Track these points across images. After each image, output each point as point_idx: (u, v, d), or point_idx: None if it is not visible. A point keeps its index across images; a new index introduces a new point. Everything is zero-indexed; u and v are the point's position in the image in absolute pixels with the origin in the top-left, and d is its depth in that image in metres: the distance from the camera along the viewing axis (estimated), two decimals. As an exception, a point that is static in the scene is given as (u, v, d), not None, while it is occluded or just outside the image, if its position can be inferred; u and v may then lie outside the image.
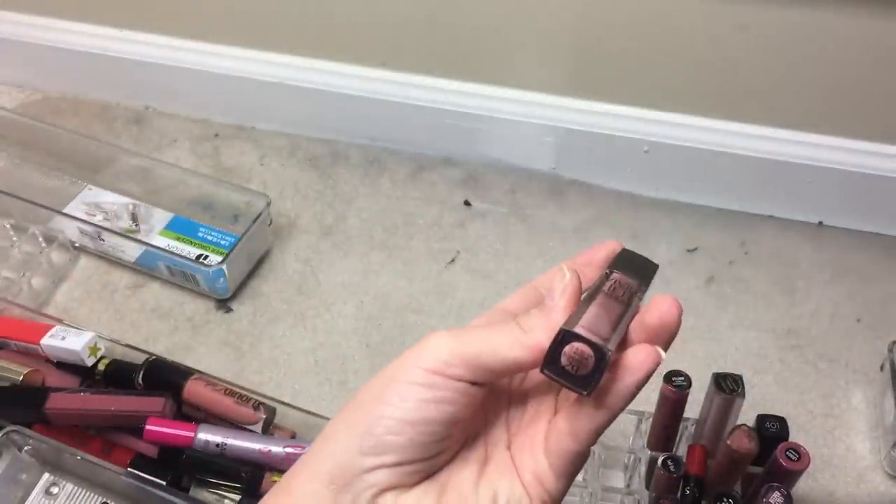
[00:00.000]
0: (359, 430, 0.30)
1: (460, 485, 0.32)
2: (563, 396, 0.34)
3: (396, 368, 0.31)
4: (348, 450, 0.30)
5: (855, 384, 0.72)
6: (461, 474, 0.32)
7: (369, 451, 0.30)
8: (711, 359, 0.74)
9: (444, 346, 0.31)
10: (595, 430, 0.31)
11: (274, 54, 0.89)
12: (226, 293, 0.77)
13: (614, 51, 0.78)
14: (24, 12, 0.94)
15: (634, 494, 0.60)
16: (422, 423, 0.30)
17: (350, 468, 0.30)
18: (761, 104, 0.79)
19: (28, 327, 0.67)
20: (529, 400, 0.35)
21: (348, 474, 0.30)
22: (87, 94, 0.98)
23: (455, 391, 0.30)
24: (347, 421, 0.31)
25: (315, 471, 0.31)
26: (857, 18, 0.70)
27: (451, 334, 0.31)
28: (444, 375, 0.30)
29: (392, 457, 0.30)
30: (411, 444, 0.30)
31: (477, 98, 0.85)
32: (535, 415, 0.34)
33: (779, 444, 0.53)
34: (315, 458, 0.31)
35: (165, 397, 0.62)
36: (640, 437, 0.62)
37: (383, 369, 0.32)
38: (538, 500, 0.32)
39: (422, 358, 0.30)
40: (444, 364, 0.30)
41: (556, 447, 0.32)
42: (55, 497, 0.62)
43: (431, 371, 0.30)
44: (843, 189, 0.81)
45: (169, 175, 0.85)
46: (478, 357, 0.31)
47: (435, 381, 0.30)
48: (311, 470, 0.31)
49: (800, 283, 0.80)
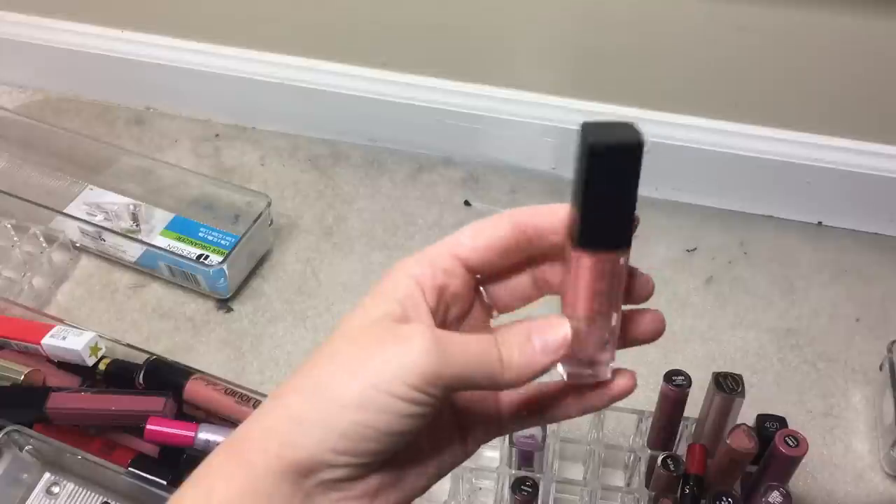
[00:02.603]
0: (336, 429, 0.30)
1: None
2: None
3: (376, 372, 0.30)
4: (321, 443, 0.30)
5: (854, 384, 0.72)
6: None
7: (344, 452, 0.30)
8: (711, 358, 0.74)
9: (428, 361, 0.30)
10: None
11: (274, 54, 0.89)
12: (226, 293, 0.77)
13: (614, 51, 0.78)
14: (25, 13, 0.94)
15: (634, 493, 0.60)
16: (399, 434, 0.30)
17: (319, 461, 0.30)
18: (761, 104, 0.79)
19: (29, 327, 0.67)
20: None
21: (315, 465, 0.30)
22: (88, 95, 0.98)
23: (434, 405, 0.31)
24: (320, 409, 0.30)
25: (279, 454, 0.30)
26: (857, 18, 0.70)
27: (435, 344, 0.31)
28: (427, 393, 0.30)
29: (363, 458, 0.31)
30: (385, 450, 0.31)
31: (477, 98, 0.85)
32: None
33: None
34: (279, 439, 0.30)
35: (166, 397, 0.62)
36: (640, 437, 0.62)
37: (355, 349, 0.31)
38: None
39: (405, 370, 0.30)
40: (428, 384, 0.30)
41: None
42: (56, 497, 0.62)
43: (414, 388, 0.30)
44: (842, 189, 0.81)
45: (170, 175, 0.85)
46: (459, 379, 0.31)
47: (417, 397, 0.30)
48: (273, 451, 0.30)
49: (799, 283, 0.80)
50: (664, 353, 0.73)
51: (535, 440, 0.58)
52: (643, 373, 0.71)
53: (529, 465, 0.59)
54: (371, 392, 0.30)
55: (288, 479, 0.30)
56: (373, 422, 0.30)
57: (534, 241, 0.34)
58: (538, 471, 0.59)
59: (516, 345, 0.32)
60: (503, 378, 0.32)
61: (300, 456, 0.30)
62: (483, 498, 0.64)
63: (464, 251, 0.33)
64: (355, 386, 0.30)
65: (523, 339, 0.32)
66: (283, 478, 0.30)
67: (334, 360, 0.31)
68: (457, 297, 0.34)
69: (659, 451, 0.59)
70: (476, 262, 0.34)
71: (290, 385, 0.31)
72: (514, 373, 0.32)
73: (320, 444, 0.30)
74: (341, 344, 0.32)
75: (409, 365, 0.30)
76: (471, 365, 0.31)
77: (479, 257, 0.34)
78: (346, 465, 0.30)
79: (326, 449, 0.30)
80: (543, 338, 0.32)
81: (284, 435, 0.30)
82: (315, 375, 0.31)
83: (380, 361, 0.30)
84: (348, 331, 0.32)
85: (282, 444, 0.30)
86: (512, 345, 0.32)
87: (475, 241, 0.33)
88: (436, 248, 0.34)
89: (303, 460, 0.30)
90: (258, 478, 0.30)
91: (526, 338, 0.32)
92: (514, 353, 0.32)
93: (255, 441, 0.31)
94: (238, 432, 0.32)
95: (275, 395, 0.32)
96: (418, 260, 0.33)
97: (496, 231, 0.33)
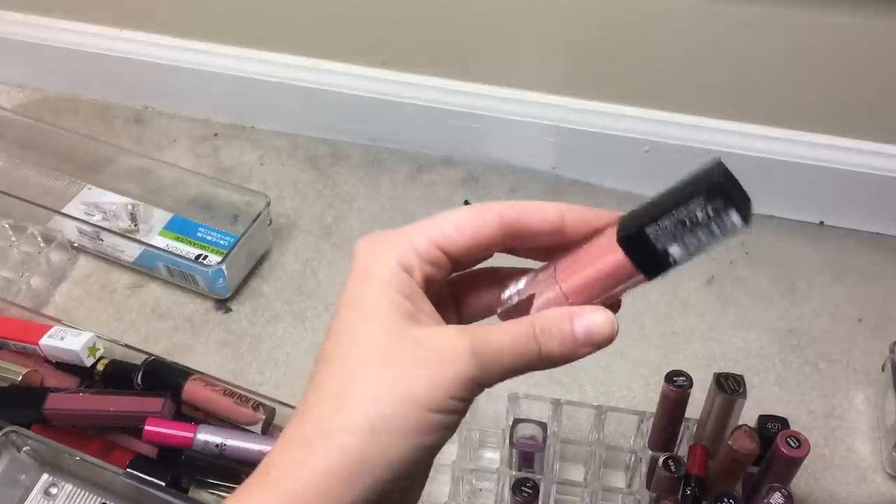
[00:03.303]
0: (358, 485, 0.29)
1: None
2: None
3: (428, 397, 0.29)
4: (385, 479, 0.29)
5: (856, 384, 0.72)
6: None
7: (400, 478, 0.30)
8: (712, 359, 0.73)
9: (470, 375, 0.30)
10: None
11: (274, 54, 0.89)
12: (225, 293, 0.77)
13: (614, 50, 0.78)
14: (23, 11, 0.94)
15: (635, 495, 0.60)
16: (413, 464, 0.30)
17: (381, 492, 0.30)
18: (761, 104, 0.79)
19: (27, 327, 0.67)
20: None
21: (377, 497, 0.30)
22: (86, 94, 0.97)
23: (470, 403, 0.31)
24: (378, 446, 0.29)
25: (346, 499, 0.29)
26: (857, 18, 0.70)
27: (475, 356, 0.30)
28: (465, 400, 0.30)
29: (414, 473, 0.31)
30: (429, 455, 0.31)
31: (477, 98, 0.85)
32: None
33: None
34: (344, 485, 0.29)
35: (165, 398, 0.62)
36: (641, 437, 0.62)
37: (395, 373, 0.30)
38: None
39: (450, 386, 0.29)
40: (467, 391, 0.30)
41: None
42: (54, 498, 0.62)
43: (456, 398, 0.30)
44: (844, 189, 0.81)
45: (168, 175, 0.85)
46: (497, 379, 0.31)
47: (456, 406, 0.30)
48: (339, 498, 0.29)
49: (800, 283, 0.80)
50: (665, 354, 0.73)
51: (535, 441, 0.57)
52: (644, 373, 0.72)
53: (530, 466, 0.58)
54: (423, 415, 0.29)
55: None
56: (428, 442, 0.30)
57: (520, 239, 0.33)
58: (538, 472, 0.58)
59: (557, 337, 0.31)
60: (539, 367, 0.31)
61: (362, 499, 0.29)
62: (483, 499, 0.63)
63: (448, 243, 0.32)
64: (411, 413, 0.29)
65: (564, 326, 0.32)
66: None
67: (379, 391, 0.30)
68: (438, 287, 0.34)
69: (660, 452, 0.59)
70: (458, 254, 0.33)
71: (333, 423, 0.30)
72: (551, 363, 0.32)
73: (378, 483, 0.29)
74: (376, 367, 0.30)
75: (453, 381, 0.30)
76: (512, 365, 0.31)
77: (464, 250, 0.33)
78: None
79: (387, 491, 0.30)
80: (588, 329, 0.32)
81: (346, 479, 0.29)
82: (361, 411, 0.29)
83: (426, 385, 0.30)
84: (375, 345, 0.31)
85: (346, 487, 0.29)
86: (552, 336, 0.31)
87: (462, 235, 0.32)
88: (418, 236, 0.32)
89: (359, 502, 0.29)
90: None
91: (566, 325, 0.32)
92: (554, 347, 0.31)
93: (311, 485, 0.29)
94: (280, 471, 0.30)
95: (321, 433, 0.30)
96: (400, 247, 0.32)
97: (483, 226, 0.33)
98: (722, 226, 0.29)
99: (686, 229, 0.29)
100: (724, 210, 0.29)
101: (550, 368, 0.32)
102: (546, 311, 0.32)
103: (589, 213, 0.33)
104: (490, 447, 0.66)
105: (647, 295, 0.77)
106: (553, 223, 0.32)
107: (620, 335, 0.33)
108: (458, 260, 0.33)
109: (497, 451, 0.65)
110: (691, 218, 0.29)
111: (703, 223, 0.29)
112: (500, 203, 0.33)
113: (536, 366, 0.31)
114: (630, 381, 0.71)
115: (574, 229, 0.33)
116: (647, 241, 0.30)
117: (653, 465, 0.59)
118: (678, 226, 0.29)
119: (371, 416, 0.29)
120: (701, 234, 0.29)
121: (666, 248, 0.30)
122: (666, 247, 0.30)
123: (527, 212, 0.33)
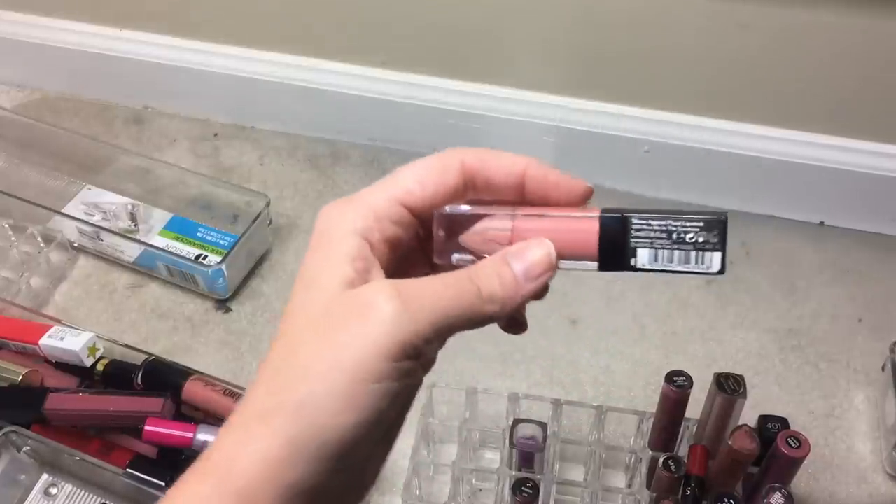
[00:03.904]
0: (331, 443, 0.27)
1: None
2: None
3: (354, 365, 0.27)
4: (320, 462, 0.27)
5: (856, 385, 0.72)
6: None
7: (345, 456, 0.28)
8: (712, 359, 0.73)
9: (400, 328, 0.27)
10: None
11: (274, 54, 0.89)
12: (225, 293, 0.77)
13: (614, 50, 0.78)
14: (23, 11, 0.93)
15: (635, 495, 0.60)
16: (353, 443, 0.28)
17: (318, 482, 0.28)
18: (762, 104, 0.79)
19: (27, 327, 0.67)
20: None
21: (316, 485, 0.28)
22: (86, 94, 0.97)
23: (419, 361, 0.28)
24: (311, 429, 0.27)
25: (277, 482, 0.27)
26: (857, 18, 0.70)
27: (403, 305, 0.27)
28: (409, 358, 0.28)
29: (368, 450, 0.29)
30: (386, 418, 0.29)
31: (477, 98, 0.85)
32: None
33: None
34: (277, 467, 0.28)
35: (164, 398, 0.62)
36: (641, 438, 0.62)
37: (324, 341, 0.28)
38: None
39: (380, 349, 0.27)
40: (407, 348, 0.27)
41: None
42: (54, 498, 0.62)
43: (394, 359, 0.27)
44: (844, 189, 0.81)
45: (168, 175, 0.85)
46: (438, 329, 0.28)
47: (401, 367, 0.28)
48: (272, 479, 0.27)
49: (801, 283, 0.80)
50: (665, 354, 0.73)
51: (535, 441, 0.57)
52: (644, 373, 0.72)
53: (530, 466, 0.58)
54: (356, 387, 0.27)
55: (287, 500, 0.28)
56: (365, 417, 0.28)
57: (481, 190, 0.32)
58: (539, 472, 0.58)
59: (495, 275, 0.30)
60: (486, 312, 0.29)
61: (302, 481, 0.28)
62: (483, 499, 0.63)
63: (411, 199, 0.31)
64: (341, 386, 0.27)
65: (501, 266, 0.30)
66: (282, 503, 0.28)
67: (309, 362, 0.28)
68: (406, 246, 0.32)
69: (660, 453, 0.59)
70: (423, 210, 0.31)
71: (269, 402, 0.28)
72: (497, 305, 0.29)
73: (319, 462, 0.28)
74: (309, 335, 0.29)
75: (381, 341, 0.27)
76: (448, 310, 0.29)
77: (428, 205, 0.31)
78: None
79: (326, 469, 0.28)
80: (524, 262, 0.30)
81: (282, 462, 0.28)
82: (292, 388, 0.28)
83: (353, 349, 0.27)
84: (310, 314, 0.29)
85: (283, 470, 0.28)
86: (490, 276, 0.30)
87: (424, 189, 0.31)
88: (377, 196, 0.31)
89: (305, 485, 0.28)
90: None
91: (503, 264, 0.30)
92: (494, 285, 0.30)
93: (248, 470, 0.28)
94: (220, 456, 0.28)
95: (257, 415, 0.28)
96: (358, 210, 0.30)
97: (446, 176, 0.31)
98: (701, 258, 0.29)
99: (668, 241, 0.29)
100: (714, 246, 0.29)
101: (502, 316, 0.30)
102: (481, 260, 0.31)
103: (552, 176, 0.32)
104: (490, 447, 0.66)
105: (647, 295, 0.77)
106: (514, 177, 0.31)
107: (620, 335, 0.32)
108: (423, 213, 0.32)
109: (497, 452, 0.65)
110: (680, 234, 0.29)
111: (687, 244, 0.29)
112: (463, 150, 0.32)
113: (481, 312, 0.29)
114: (630, 382, 0.71)
115: (533, 189, 0.32)
116: (626, 232, 0.30)
117: (653, 466, 0.59)
118: (662, 234, 0.29)
119: (301, 393, 0.27)
120: (678, 253, 0.29)
121: (637, 248, 0.30)
122: (637, 247, 0.30)
123: (489, 161, 0.31)
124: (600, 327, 0.74)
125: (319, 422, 0.27)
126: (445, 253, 0.32)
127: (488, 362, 0.72)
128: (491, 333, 0.34)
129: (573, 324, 0.75)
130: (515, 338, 0.34)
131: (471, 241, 0.32)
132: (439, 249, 0.32)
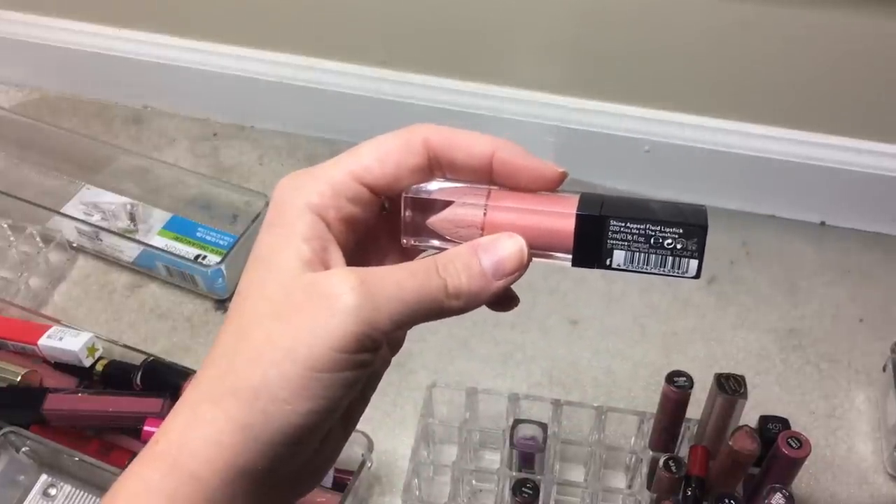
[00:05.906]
0: (285, 429, 0.27)
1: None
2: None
3: (310, 353, 0.26)
4: (274, 447, 0.27)
5: (857, 385, 0.72)
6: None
7: (300, 441, 0.28)
8: (713, 359, 0.73)
9: (359, 318, 0.26)
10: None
11: (274, 54, 0.89)
12: (224, 293, 0.77)
13: (615, 50, 0.78)
14: (21, 11, 0.93)
15: (636, 495, 0.59)
16: (307, 430, 0.27)
17: (273, 467, 0.28)
18: (762, 103, 0.79)
19: (26, 328, 0.67)
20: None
21: (271, 469, 0.28)
22: (85, 94, 0.97)
23: (378, 352, 0.28)
24: (264, 414, 0.27)
25: (231, 464, 0.27)
26: (858, 18, 0.70)
27: (364, 296, 0.27)
28: (367, 350, 0.27)
29: (318, 436, 0.29)
30: (339, 407, 0.28)
31: (477, 98, 0.85)
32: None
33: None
34: (230, 451, 0.27)
35: (164, 398, 0.61)
36: (641, 438, 0.62)
37: (282, 327, 0.27)
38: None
39: (337, 340, 0.26)
40: (365, 339, 0.27)
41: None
42: (53, 498, 0.62)
43: (351, 352, 0.26)
44: (845, 189, 0.81)
45: (167, 175, 0.85)
46: (398, 322, 0.27)
47: (358, 359, 0.27)
48: (223, 462, 0.27)
49: (802, 284, 0.79)
50: (666, 354, 0.73)
51: (535, 442, 0.57)
52: (644, 374, 0.71)
53: (530, 467, 0.58)
54: (309, 376, 0.27)
55: (241, 487, 0.27)
56: (319, 405, 0.27)
57: (447, 170, 0.30)
58: (539, 473, 0.58)
59: (463, 269, 0.29)
60: (450, 308, 0.28)
61: (255, 465, 0.27)
62: (483, 500, 0.63)
63: (371, 177, 0.29)
64: (294, 374, 0.27)
65: (470, 260, 0.29)
66: (235, 485, 0.27)
67: (263, 347, 0.27)
68: (365, 225, 0.31)
69: (660, 453, 0.59)
70: (383, 188, 0.30)
71: (221, 386, 0.28)
72: (462, 301, 0.28)
73: (272, 448, 0.27)
74: (264, 318, 0.28)
75: (338, 333, 0.26)
76: (410, 304, 0.28)
77: (389, 183, 0.30)
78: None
79: (280, 455, 0.27)
80: (494, 257, 0.29)
81: (234, 447, 0.27)
82: (245, 373, 0.27)
83: (310, 339, 0.27)
84: (266, 295, 0.28)
85: (235, 455, 0.27)
86: (458, 270, 0.29)
87: (384, 167, 0.29)
88: (335, 172, 0.29)
89: (257, 469, 0.27)
90: (212, 491, 0.27)
91: (473, 259, 0.29)
92: (461, 280, 0.28)
93: (199, 454, 0.27)
94: (170, 441, 0.28)
95: (209, 398, 0.28)
96: (315, 186, 0.29)
97: (408, 154, 0.30)
98: (678, 263, 0.29)
99: (645, 245, 0.29)
100: (692, 253, 0.29)
101: (468, 311, 0.29)
102: (450, 249, 0.29)
103: (522, 160, 0.30)
104: (490, 448, 0.66)
105: (647, 295, 0.77)
106: (481, 160, 0.30)
107: (621, 335, 0.32)
108: (384, 193, 0.30)
109: (497, 452, 0.65)
110: (658, 239, 0.29)
111: (665, 249, 0.29)
112: (428, 128, 0.30)
113: (446, 306, 0.28)
114: (631, 382, 0.71)
115: (501, 174, 0.30)
116: (603, 233, 0.29)
117: (653, 466, 0.59)
118: (640, 238, 0.29)
119: (255, 379, 0.27)
120: (654, 257, 0.29)
121: (613, 248, 0.29)
122: (614, 248, 0.29)
123: (455, 141, 0.30)
124: (601, 327, 0.74)
125: (272, 408, 0.27)
126: (413, 235, 0.32)
127: (488, 362, 0.72)
128: (491, 334, 0.34)
129: (573, 324, 0.74)
130: (515, 338, 0.34)
131: (440, 226, 0.31)
132: (406, 231, 0.31)
